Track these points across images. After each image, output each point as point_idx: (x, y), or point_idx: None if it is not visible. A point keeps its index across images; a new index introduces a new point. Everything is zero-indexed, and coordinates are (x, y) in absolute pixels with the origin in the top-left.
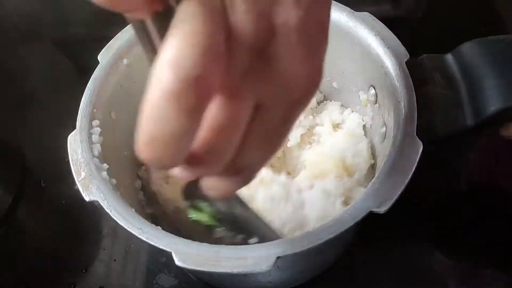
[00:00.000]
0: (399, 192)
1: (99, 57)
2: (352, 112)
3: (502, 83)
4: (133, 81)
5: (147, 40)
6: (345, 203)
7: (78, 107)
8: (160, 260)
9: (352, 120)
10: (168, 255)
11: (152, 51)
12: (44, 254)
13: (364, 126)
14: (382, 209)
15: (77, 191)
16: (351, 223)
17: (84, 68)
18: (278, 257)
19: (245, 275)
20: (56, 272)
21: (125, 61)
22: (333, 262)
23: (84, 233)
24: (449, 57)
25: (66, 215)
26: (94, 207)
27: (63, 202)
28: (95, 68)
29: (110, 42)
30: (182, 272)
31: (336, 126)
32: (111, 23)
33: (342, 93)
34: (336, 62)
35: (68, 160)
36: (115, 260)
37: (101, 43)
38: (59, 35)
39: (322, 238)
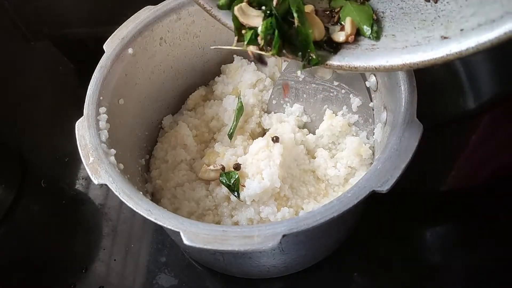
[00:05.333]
0: (400, 172)
1: (104, 47)
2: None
3: (500, 68)
4: (137, 70)
5: None
6: None
7: (78, 107)
8: (160, 260)
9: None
10: (169, 255)
11: None
12: (44, 254)
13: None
14: (384, 188)
15: (77, 191)
16: (355, 202)
17: (83, 67)
18: (284, 235)
19: (250, 258)
20: (56, 272)
21: (130, 50)
22: (335, 249)
23: (84, 233)
24: None
25: (66, 215)
26: (94, 207)
27: (63, 202)
28: (94, 68)
29: (115, 31)
30: (182, 272)
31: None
32: (109, 23)
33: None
34: None
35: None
36: (115, 260)
37: (100, 42)
38: (58, 35)
39: (327, 217)
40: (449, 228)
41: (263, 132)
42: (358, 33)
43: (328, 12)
